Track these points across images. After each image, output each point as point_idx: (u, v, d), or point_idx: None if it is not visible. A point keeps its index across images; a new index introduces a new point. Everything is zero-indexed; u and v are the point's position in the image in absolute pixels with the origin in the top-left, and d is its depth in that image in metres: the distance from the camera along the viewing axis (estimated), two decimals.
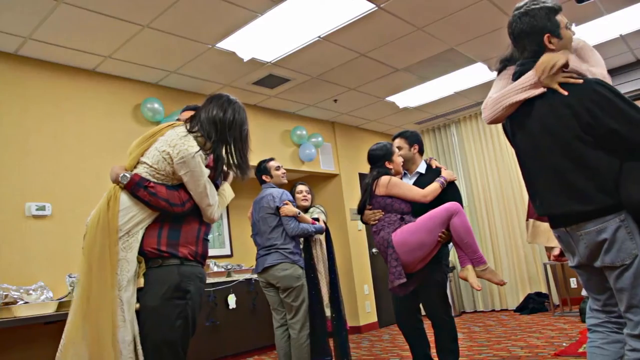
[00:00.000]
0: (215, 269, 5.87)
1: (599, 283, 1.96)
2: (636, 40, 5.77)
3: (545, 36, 1.99)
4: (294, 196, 4.45)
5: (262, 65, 5.18)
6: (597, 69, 1.99)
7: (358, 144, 7.79)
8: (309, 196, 4.54)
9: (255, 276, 5.62)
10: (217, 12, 4.09)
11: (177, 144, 2.18)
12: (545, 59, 1.93)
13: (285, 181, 4.27)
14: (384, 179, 3.35)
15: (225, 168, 2.38)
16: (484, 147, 7.74)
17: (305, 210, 4.48)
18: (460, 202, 3.38)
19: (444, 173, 3.52)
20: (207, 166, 2.25)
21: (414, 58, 5.48)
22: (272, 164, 4.25)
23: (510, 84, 2.09)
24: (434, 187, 3.36)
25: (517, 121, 2.07)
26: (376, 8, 4.28)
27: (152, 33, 4.28)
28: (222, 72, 5.26)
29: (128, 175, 2.17)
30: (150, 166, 2.19)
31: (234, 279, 5.75)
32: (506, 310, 7.38)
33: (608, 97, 1.82)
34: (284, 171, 4.29)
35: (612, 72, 6.44)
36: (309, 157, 6.67)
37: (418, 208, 3.33)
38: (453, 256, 7.38)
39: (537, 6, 2.02)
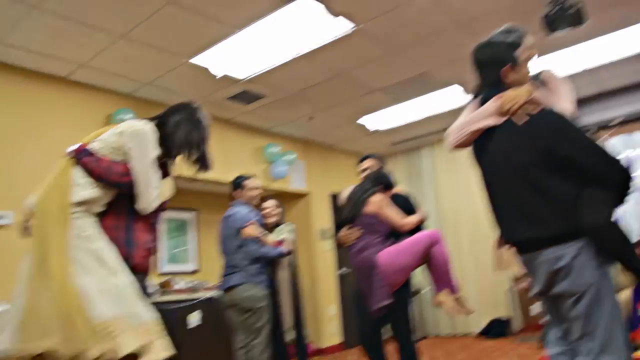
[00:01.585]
0: (180, 285, 5.75)
1: (560, 311, 1.98)
2: (602, 72, 5.96)
3: (503, 69, 2.06)
4: (260, 213, 4.44)
5: (236, 82, 5.17)
6: (563, 104, 2.06)
7: (331, 164, 7.80)
8: (278, 210, 4.51)
9: (220, 294, 5.53)
10: (194, 27, 4.09)
11: (134, 124, 2.24)
12: (510, 96, 1.99)
13: (257, 202, 4.25)
14: (378, 197, 3.40)
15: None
16: (457, 172, 7.82)
17: (276, 226, 4.45)
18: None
19: (420, 211, 3.63)
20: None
21: (390, 79, 5.55)
22: (248, 182, 4.20)
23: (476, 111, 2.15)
24: (412, 220, 3.43)
25: (480, 148, 2.13)
26: (355, 28, 4.34)
27: (128, 44, 4.24)
28: (197, 87, 5.22)
29: (75, 146, 2.18)
30: (100, 140, 2.21)
31: (198, 296, 5.65)
32: (470, 334, 7.42)
33: (564, 126, 1.89)
34: (259, 192, 4.26)
35: (577, 103, 6.65)
36: (279, 175, 6.64)
37: (392, 231, 3.39)
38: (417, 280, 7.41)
39: (499, 39, 2.10)
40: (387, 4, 4.06)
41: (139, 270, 2.19)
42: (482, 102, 2.12)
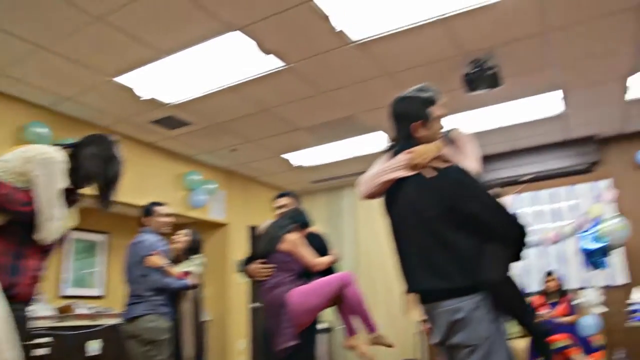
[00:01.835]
0: (82, 310, 5.46)
1: None
2: (515, 131, 6.34)
3: (414, 124, 2.15)
4: (171, 239, 4.35)
5: (162, 106, 5.07)
6: (469, 162, 2.16)
7: (252, 196, 7.75)
8: (186, 238, 4.43)
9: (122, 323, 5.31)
10: (121, 46, 3.99)
11: (45, 151, 2.11)
12: (420, 150, 2.07)
13: (167, 231, 4.16)
14: (294, 235, 3.38)
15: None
16: (375, 215, 7.95)
17: (188, 254, 4.36)
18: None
19: (333, 252, 3.67)
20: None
21: (316, 119, 5.64)
22: (161, 209, 4.13)
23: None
24: (325, 261, 3.46)
25: (391, 198, 2.19)
26: (285, 66, 4.40)
27: (50, 55, 4.07)
28: (120, 106, 5.07)
29: None
30: (2, 162, 2.07)
31: (101, 323, 5.37)
32: None
33: (468, 183, 1.99)
34: (170, 220, 4.18)
35: (491, 158, 7.04)
36: (199, 204, 6.52)
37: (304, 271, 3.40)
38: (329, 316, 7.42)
39: (414, 95, 2.19)
40: (318, 47, 4.15)
41: (21, 299, 2.05)
42: (395, 154, 2.19)
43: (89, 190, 2.32)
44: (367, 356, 3.26)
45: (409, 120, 2.16)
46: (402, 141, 2.19)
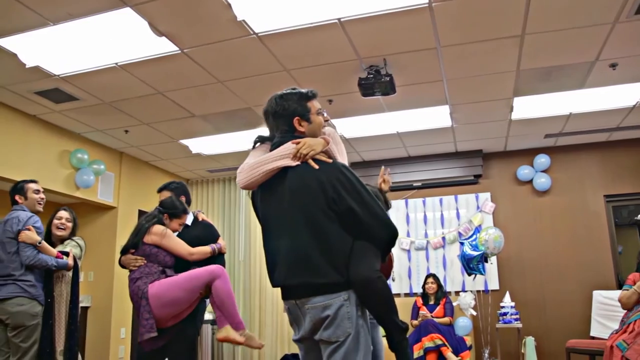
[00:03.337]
0: None
1: (316, 359, 2.06)
2: (409, 139, 6.60)
3: (295, 119, 2.16)
4: (51, 222, 4.10)
5: (48, 77, 4.73)
6: (341, 159, 2.21)
7: (145, 180, 7.47)
8: (69, 225, 4.17)
9: None
10: (4, 8, 3.68)
11: None
12: (309, 142, 2.08)
13: (41, 209, 3.96)
14: (159, 228, 3.31)
15: None
16: None
17: (62, 240, 4.13)
18: (223, 266, 3.45)
19: (220, 241, 3.59)
20: None
21: (213, 108, 5.53)
22: (31, 185, 3.92)
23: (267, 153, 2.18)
24: (203, 250, 3.40)
25: (269, 189, 2.15)
26: (179, 52, 4.27)
27: None
28: (0, 72, 4.68)
29: None
30: None
31: None
32: None
33: (351, 179, 2.03)
34: (43, 197, 3.99)
35: (387, 162, 7.27)
36: (86, 184, 6.19)
37: (180, 262, 3.32)
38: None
39: (292, 91, 2.21)
40: (217, 35, 4.06)
41: None
42: (277, 145, 2.16)
43: None
44: (240, 342, 3.23)
45: (290, 115, 2.16)
46: (284, 134, 2.18)
